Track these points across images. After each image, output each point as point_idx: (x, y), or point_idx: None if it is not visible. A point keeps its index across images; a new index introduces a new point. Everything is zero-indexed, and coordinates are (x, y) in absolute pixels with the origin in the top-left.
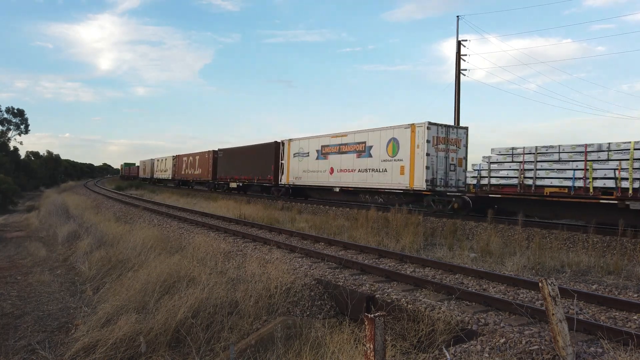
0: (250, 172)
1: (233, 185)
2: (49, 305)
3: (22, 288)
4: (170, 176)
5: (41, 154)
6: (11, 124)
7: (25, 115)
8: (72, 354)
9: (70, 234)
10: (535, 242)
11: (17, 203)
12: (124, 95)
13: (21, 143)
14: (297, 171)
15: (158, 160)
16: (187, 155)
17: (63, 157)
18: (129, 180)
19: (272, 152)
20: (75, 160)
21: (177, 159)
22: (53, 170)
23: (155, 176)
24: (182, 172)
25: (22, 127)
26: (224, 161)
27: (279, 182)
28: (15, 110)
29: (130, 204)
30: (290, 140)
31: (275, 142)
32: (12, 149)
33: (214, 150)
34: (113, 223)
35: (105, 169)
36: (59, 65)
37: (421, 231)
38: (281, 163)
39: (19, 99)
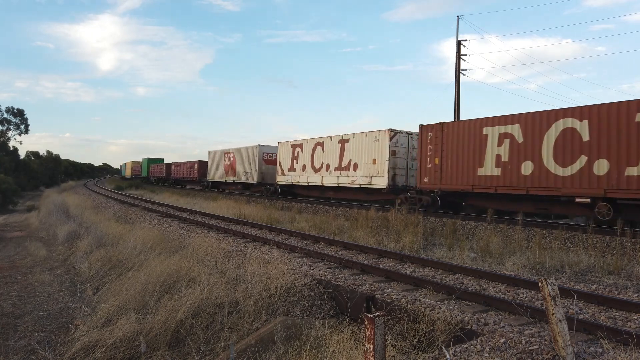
0: None
1: None
2: (49, 305)
3: (22, 288)
4: (379, 180)
5: (41, 154)
6: (11, 124)
7: (25, 115)
8: (72, 354)
9: (70, 234)
10: (535, 242)
11: (17, 203)
12: (124, 95)
13: (21, 143)
14: None
15: (294, 145)
16: (475, 122)
17: (63, 157)
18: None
19: None
20: (75, 160)
21: (395, 138)
22: (53, 170)
23: (285, 180)
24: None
25: (22, 127)
26: None
27: None
28: (15, 110)
29: (130, 204)
30: None
31: None
32: (11, 148)
33: None
34: (113, 223)
35: (105, 169)
36: (60, 65)
37: (421, 231)
38: None
39: (19, 98)
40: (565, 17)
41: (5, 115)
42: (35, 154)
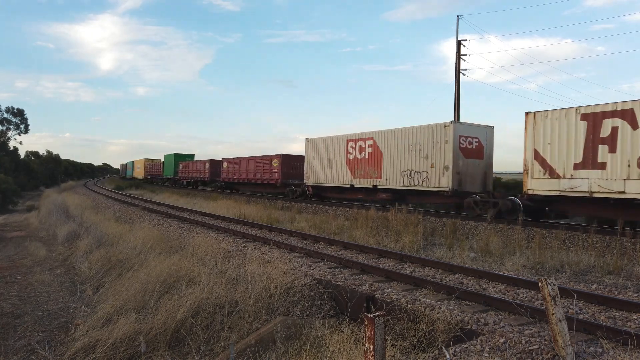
0: None
1: None
2: (49, 305)
3: (22, 288)
4: None
5: (41, 153)
6: (11, 124)
7: (25, 115)
8: (71, 353)
9: (70, 234)
10: (535, 241)
11: (17, 203)
12: (124, 95)
13: (21, 143)
14: None
15: (607, 114)
16: None
17: (63, 157)
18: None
19: None
20: (75, 160)
21: None
22: (53, 170)
23: (566, 187)
24: None
25: (21, 127)
26: None
27: None
28: (15, 110)
29: (130, 203)
30: None
31: None
32: (11, 148)
33: None
34: (113, 223)
35: (105, 168)
36: (60, 65)
37: (421, 231)
38: None
39: (19, 98)
40: (565, 17)
41: (5, 115)
42: (35, 154)
